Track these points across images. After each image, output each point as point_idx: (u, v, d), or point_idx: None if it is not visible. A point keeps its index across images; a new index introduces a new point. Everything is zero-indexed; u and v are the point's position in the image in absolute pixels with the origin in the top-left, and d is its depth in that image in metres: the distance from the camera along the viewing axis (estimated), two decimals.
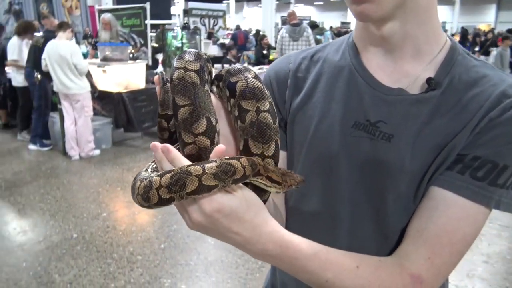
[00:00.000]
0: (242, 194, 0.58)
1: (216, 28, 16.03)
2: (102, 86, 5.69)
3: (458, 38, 14.70)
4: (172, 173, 0.54)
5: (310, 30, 7.23)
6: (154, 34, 9.33)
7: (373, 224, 0.73)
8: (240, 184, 0.58)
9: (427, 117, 0.68)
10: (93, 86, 5.35)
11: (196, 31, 11.06)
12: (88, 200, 4.12)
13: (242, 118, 0.63)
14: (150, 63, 7.04)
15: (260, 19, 16.89)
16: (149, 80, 6.24)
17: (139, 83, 6.03)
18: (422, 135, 0.68)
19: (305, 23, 8.05)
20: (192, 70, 0.61)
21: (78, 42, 8.89)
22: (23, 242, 3.31)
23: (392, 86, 0.72)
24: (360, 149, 0.72)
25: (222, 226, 0.57)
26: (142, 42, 7.08)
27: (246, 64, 8.74)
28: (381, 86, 0.73)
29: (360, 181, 0.73)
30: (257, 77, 0.65)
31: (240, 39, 12.89)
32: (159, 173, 0.56)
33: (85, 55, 7.49)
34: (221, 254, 3.14)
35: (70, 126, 5.18)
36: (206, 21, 15.85)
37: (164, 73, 0.66)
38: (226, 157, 0.57)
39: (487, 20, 24.70)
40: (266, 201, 0.66)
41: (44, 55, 5.04)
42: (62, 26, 5.09)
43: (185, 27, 11.46)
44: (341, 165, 0.74)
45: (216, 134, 0.62)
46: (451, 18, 24.60)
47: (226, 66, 0.72)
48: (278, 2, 17.08)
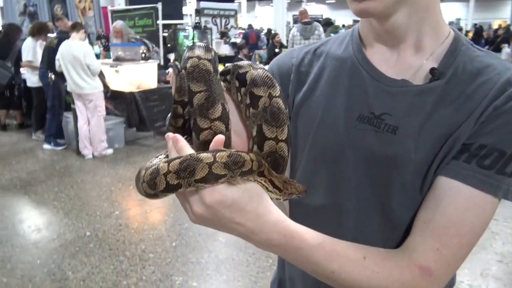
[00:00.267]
0: (244, 185, 0.57)
1: (228, 27, 16.06)
2: (114, 86, 5.74)
3: (471, 35, 14.49)
4: (181, 159, 0.53)
5: (321, 28, 7.21)
6: (166, 34, 9.39)
7: (379, 216, 0.73)
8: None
9: (432, 107, 0.68)
10: (105, 86, 5.40)
11: (206, 31, 11.10)
12: (101, 198, 4.17)
13: (255, 104, 0.64)
14: (162, 63, 7.09)
15: (271, 18, 16.87)
16: (161, 79, 6.29)
17: (151, 83, 6.07)
18: (427, 126, 0.67)
19: (315, 22, 8.02)
20: (205, 59, 0.63)
21: (91, 43, 8.99)
22: (38, 240, 3.37)
23: (395, 78, 0.72)
24: (365, 142, 0.72)
25: (224, 217, 0.57)
26: (154, 46, 7.13)
27: (257, 63, 8.72)
28: (384, 78, 0.72)
29: (365, 174, 0.72)
30: (264, 69, 0.67)
31: (251, 38, 12.88)
32: (167, 159, 0.56)
33: (98, 56, 7.57)
34: (232, 252, 3.15)
35: (84, 125, 5.24)
36: (218, 20, 15.88)
37: (177, 63, 0.66)
38: (234, 150, 0.57)
39: (503, 16, 24.26)
40: None
41: (57, 56, 5.10)
42: (75, 27, 5.15)
43: (196, 27, 11.51)
44: (346, 158, 0.74)
45: (229, 121, 0.63)
46: (465, 15, 24.24)
47: None
48: (289, 0, 17.03)
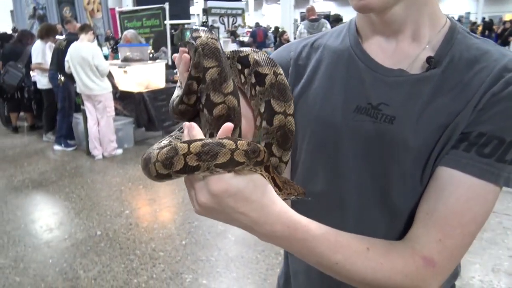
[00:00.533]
0: (250, 176, 0.57)
1: (236, 26, 16.07)
2: (123, 87, 5.78)
3: (480, 29, 14.31)
4: (203, 141, 0.53)
5: (329, 25, 7.17)
6: (174, 33, 9.42)
7: (380, 207, 0.73)
8: None
9: (429, 96, 0.67)
10: (114, 87, 5.44)
11: (213, 30, 11.13)
12: (111, 198, 4.21)
13: (261, 82, 0.67)
14: (170, 63, 7.12)
15: (279, 16, 16.84)
16: (169, 79, 6.31)
17: (159, 83, 6.10)
18: (425, 115, 0.67)
19: (323, 19, 7.98)
20: (212, 38, 0.65)
21: (100, 44, 9.06)
22: (50, 240, 3.41)
23: (392, 68, 0.72)
24: (363, 133, 0.72)
25: (228, 206, 0.57)
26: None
27: None
28: (381, 68, 0.72)
29: (365, 165, 0.72)
30: (264, 52, 0.70)
31: (259, 36, 12.88)
32: (183, 140, 0.56)
33: (106, 57, 7.64)
34: (241, 250, 3.16)
35: (93, 126, 5.29)
36: (225, 19, 15.90)
37: (191, 40, 0.66)
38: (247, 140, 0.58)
39: None
40: None
41: (67, 58, 5.14)
42: (84, 28, 5.19)
43: (203, 26, 11.54)
44: (345, 150, 0.74)
45: (239, 97, 0.65)
46: (475, 9, 23.93)
47: None
48: None
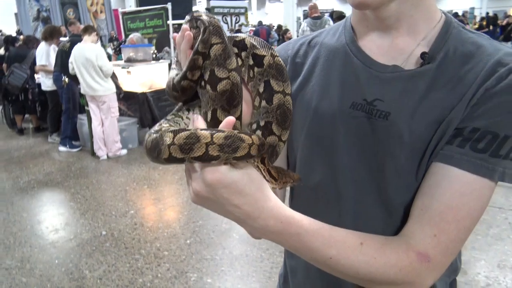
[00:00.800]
0: (245, 169, 0.58)
1: (237, 25, 16.06)
2: (127, 87, 5.81)
3: (484, 23, 14.21)
4: (226, 134, 0.54)
5: (331, 22, 7.16)
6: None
7: (377, 202, 0.73)
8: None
9: (424, 92, 0.67)
10: (118, 87, 5.46)
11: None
12: (116, 198, 4.23)
13: (260, 63, 0.69)
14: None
15: (282, 14, 16.81)
16: None
17: (163, 83, 6.11)
18: (420, 110, 0.67)
19: (326, 16, 7.97)
20: (213, 17, 0.65)
21: (103, 45, 9.10)
22: (55, 240, 3.43)
23: (387, 64, 0.72)
24: (359, 129, 0.72)
25: (222, 197, 0.57)
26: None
27: None
28: (376, 65, 0.73)
29: (361, 161, 0.73)
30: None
31: (262, 35, 12.87)
32: (202, 128, 0.57)
33: (110, 57, 7.68)
34: (246, 249, 3.17)
35: (98, 127, 5.32)
36: (228, 19, 15.89)
37: (202, 18, 0.66)
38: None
39: None
40: None
41: (71, 59, 5.17)
42: (87, 29, 5.22)
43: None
44: (341, 146, 0.74)
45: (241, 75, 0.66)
46: (480, 4, 23.75)
47: None
48: None
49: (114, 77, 5.38)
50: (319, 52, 0.82)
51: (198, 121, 0.60)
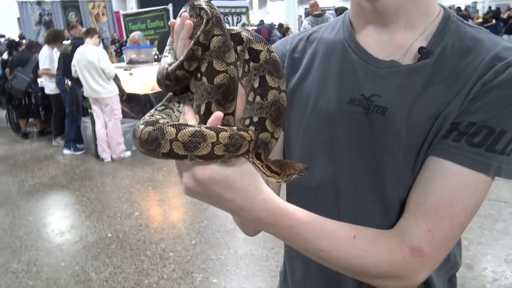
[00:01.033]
0: (237, 164, 0.58)
1: (239, 24, 16.06)
2: (129, 89, 5.82)
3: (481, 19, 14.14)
4: (229, 133, 0.54)
5: (332, 19, 7.13)
6: None
7: (375, 198, 0.72)
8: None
9: (421, 87, 0.67)
10: (121, 89, 5.47)
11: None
12: (121, 200, 4.24)
13: (256, 58, 0.68)
14: None
15: (283, 13, 16.78)
16: None
17: None
18: (418, 106, 0.66)
19: (328, 13, 7.94)
20: (215, 8, 0.64)
21: (105, 48, 9.12)
22: (61, 243, 3.44)
23: (385, 59, 0.71)
24: (357, 124, 0.72)
25: (214, 193, 0.58)
26: None
27: None
28: (373, 60, 0.72)
29: (359, 156, 0.72)
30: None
31: (263, 34, 12.87)
32: (207, 126, 0.56)
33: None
34: (251, 248, 3.16)
35: (101, 129, 5.33)
36: (230, 18, 15.90)
37: (206, 9, 0.63)
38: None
39: None
40: None
41: (73, 62, 5.19)
42: (89, 32, 5.23)
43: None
44: (339, 141, 0.74)
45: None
46: None
47: None
48: None
49: (116, 79, 5.39)
50: (318, 47, 0.81)
51: (188, 114, 0.60)
